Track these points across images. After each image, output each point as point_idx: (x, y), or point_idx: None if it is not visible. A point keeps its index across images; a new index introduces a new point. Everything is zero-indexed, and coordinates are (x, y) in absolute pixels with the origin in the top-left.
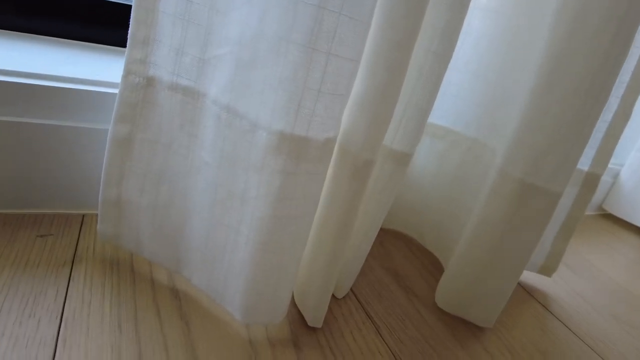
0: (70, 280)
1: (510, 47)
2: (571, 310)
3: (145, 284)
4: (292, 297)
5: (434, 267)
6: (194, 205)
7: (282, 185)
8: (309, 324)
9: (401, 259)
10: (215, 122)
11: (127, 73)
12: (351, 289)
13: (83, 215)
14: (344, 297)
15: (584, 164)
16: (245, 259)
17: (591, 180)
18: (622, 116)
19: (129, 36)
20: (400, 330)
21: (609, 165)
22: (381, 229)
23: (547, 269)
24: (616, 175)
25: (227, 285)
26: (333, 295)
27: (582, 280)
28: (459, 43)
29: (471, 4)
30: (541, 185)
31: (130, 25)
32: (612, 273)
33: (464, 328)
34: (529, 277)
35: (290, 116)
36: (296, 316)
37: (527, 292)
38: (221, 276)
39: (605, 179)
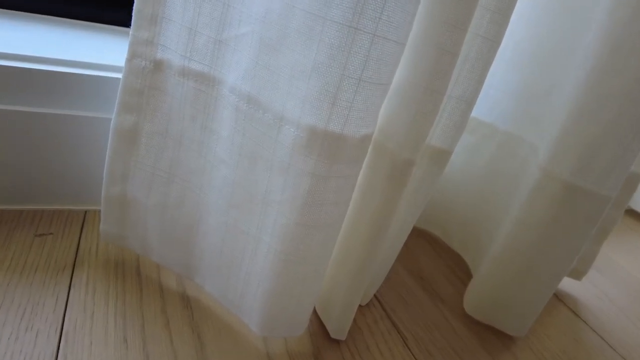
0: (71, 287)
1: (551, 31)
2: (602, 316)
3: (153, 290)
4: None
5: (459, 269)
6: (208, 207)
7: (311, 190)
8: (331, 335)
9: (425, 260)
10: (233, 114)
11: (132, 56)
12: (374, 295)
13: (85, 212)
14: (367, 304)
15: None
16: (265, 269)
17: (631, 180)
18: None
19: (133, 13)
20: (428, 341)
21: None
22: None
23: (577, 273)
24: None
25: (244, 295)
26: None
27: (610, 283)
28: None
29: None
30: (590, 187)
31: (135, 0)
32: (639, 274)
33: (493, 337)
34: None
35: (324, 109)
36: (318, 327)
37: (556, 297)
38: (238, 286)
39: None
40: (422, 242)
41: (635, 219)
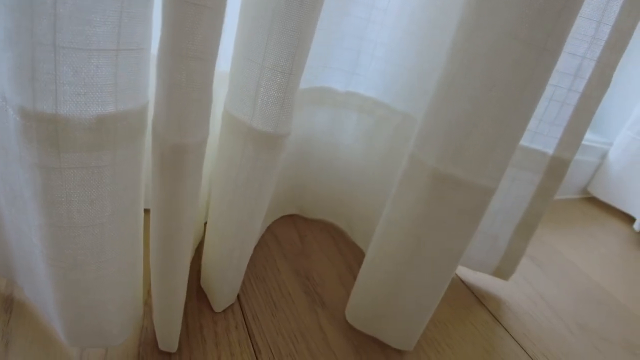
0: None
1: None
2: (530, 322)
3: None
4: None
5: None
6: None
7: (46, 185)
8: (160, 347)
9: (321, 258)
10: None
11: None
12: (239, 300)
13: None
14: (225, 310)
15: (549, 145)
16: (46, 276)
17: (557, 167)
18: (599, 85)
19: None
20: (287, 354)
21: (596, 145)
22: (307, 220)
23: (502, 272)
24: (604, 156)
25: (47, 302)
26: (211, 309)
27: (549, 280)
28: None
29: None
30: (463, 177)
31: None
32: (588, 269)
33: (378, 351)
34: (482, 279)
35: (26, 86)
36: (151, 335)
37: (476, 298)
38: (40, 290)
39: (592, 159)
40: (325, 238)
41: (596, 206)
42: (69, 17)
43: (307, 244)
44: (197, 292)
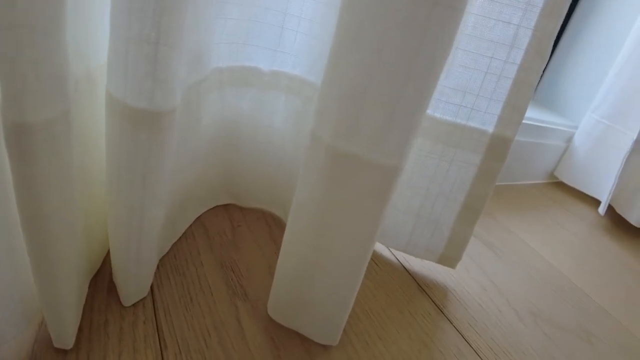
0: None
1: None
2: (477, 310)
3: None
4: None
5: None
6: None
7: None
8: (54, 344)
9: (253, 248)
10: None
11: None
12: (153, 294)
13: None
14: (136, 304)
15: (488, 123)
16: None
17: (498, 146)
18: (537, 56)
19: None
20: (196, 350)
21: (562, 128)
22: (244, 209)
23: (448, 259)
24: (569, 139)
25: None
26: (121, 304)
27: (504, 266)
28: None
29: None
30: (361, 155)
31: None
32: (548, 254)
33: (299, 346)
34: (429, 267)
35: None
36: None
37: (418, 287)
38: None
39: (558, 143)
40: (261, 227)
41: (563, 190)
42: None
43: (239, 234)
44: (108, 286)
